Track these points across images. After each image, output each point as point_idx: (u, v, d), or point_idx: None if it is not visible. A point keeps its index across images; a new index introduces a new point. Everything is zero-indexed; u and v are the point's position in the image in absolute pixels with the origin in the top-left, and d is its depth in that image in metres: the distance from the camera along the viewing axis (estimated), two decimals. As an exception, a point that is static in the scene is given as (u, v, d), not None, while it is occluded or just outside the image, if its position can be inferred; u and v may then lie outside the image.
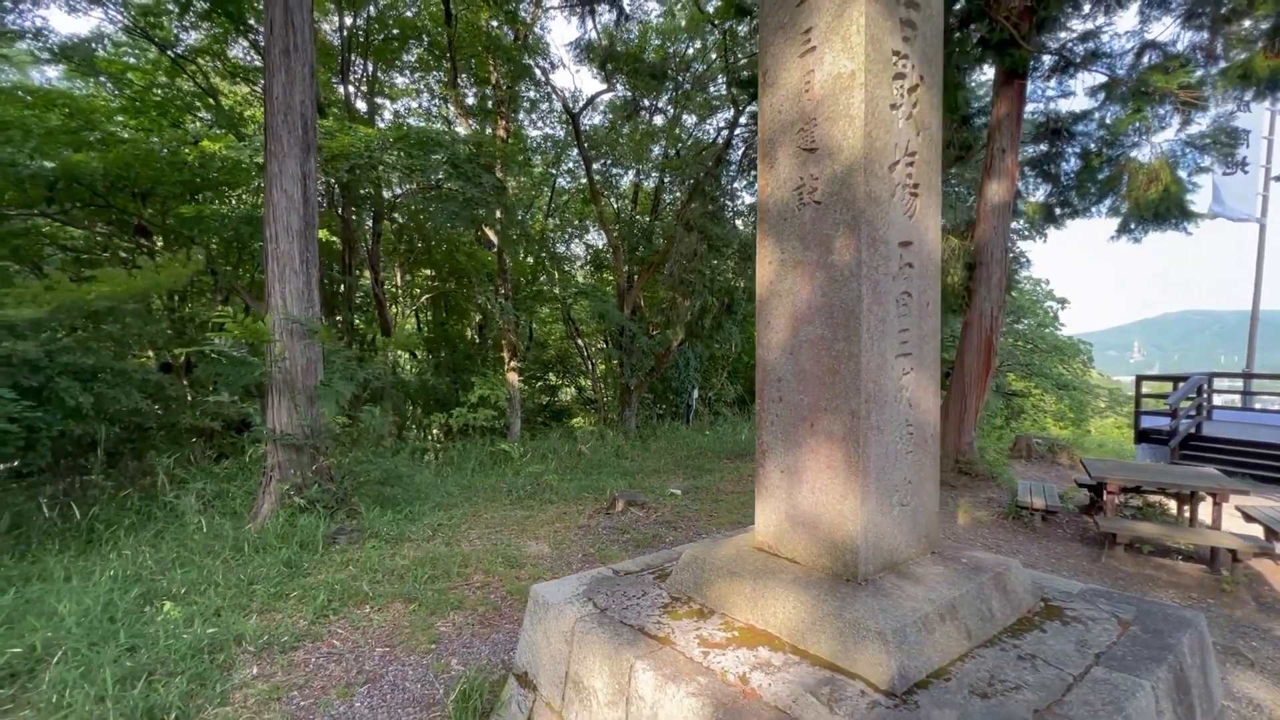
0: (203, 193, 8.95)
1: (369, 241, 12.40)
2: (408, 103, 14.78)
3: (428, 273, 15.18)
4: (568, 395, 18.20)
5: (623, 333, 13.19)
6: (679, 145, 15.37)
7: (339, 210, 11.17)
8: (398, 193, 11.74)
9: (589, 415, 16.42)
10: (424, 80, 14.05)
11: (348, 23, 11.55)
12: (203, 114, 10.58)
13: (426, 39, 12.41)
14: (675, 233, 12.25)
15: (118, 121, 9.21)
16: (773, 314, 2.63)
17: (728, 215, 12.64)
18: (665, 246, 13.01)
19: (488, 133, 13.02)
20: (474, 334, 15.88)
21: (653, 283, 14.16)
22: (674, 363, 15.03)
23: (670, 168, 14.79)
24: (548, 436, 11.91)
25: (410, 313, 15.39)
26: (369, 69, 12.71)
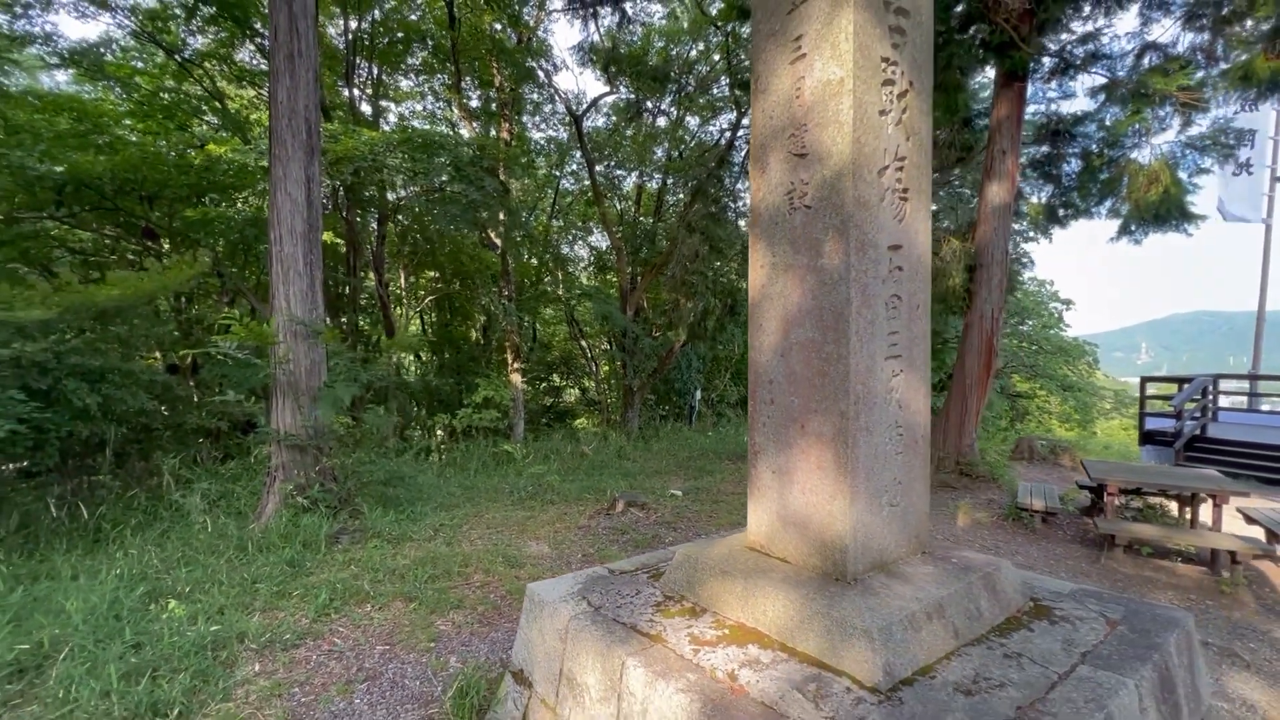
0: (209, 196, 9.05)
1: (373, 243, 12.49)
2: (412, 105, 14.89)
3: (432, 274, 15.26)
4: (572, 396, 18.26)
5: (625, 334, 13.24)
6: (682, 147, 15.41)
7: (343, 213, 11.25)
8: (402, 195, 11.82)
9: (592, 416, 16.47)
10: (428, 83, 14.14)
11: (353, 26, 11.64)
12: (209, 117, 10.69)
13: (431, 42, 12.49)
14: (678, 234, 12.30)
15: (125, 125, 9.34)
16: (764, 317, 2.67)
17: (730, 217, 12.66)
18: (668, 248, 13.06)
19: (491, 135, 13.10)
20: (478, 335, 15.95)
21: (656, 284, 14.21)
22: (677, 364, 15.06)
23: (673, 169, 14.83)
24: (551, 437, 11.97)
25: (414, 314, 15.48)
26: (374, 72, 12.81)
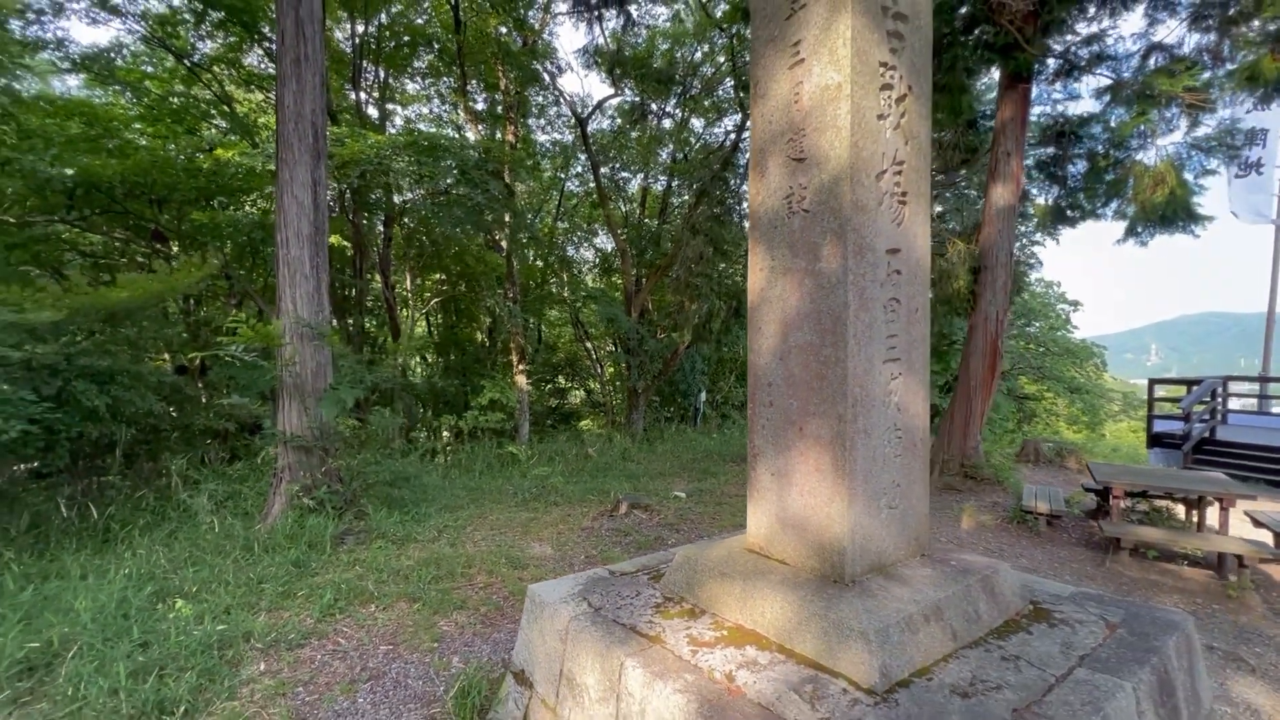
0: (217, 198, 9.14)
1: (380, 246, 12.58)
2: (418, 109, 14.99)
3: (438, 276, 15.35)
4: (576, 398, 18.31)
5: (630, 336, 13.26)
6: (687, 149, 15.44)
7: (350, 215, 11.34)
8: (408, 198, 11.90)
9: (597, 418, 16.51)
10: (434, 86, 14.24)
11: (359, 30, 11.73)
12: (218, 121, 10.80)
13: (437, 46, 12.58)
14: (682, 236, 12.32)
15: (135, 129, 9.44)
16: (763, 320, 2.69)
17: (735, 219, 12.67)
18: (673, 250, 13.08)
19: (497, 138, 13.17)
20: (483, 337, 16.03)
21: (661, 286, 14.23)
22: (681, 366, 15.08)
23: (678, 171, 14.86)
24: (555, 439, 12.00)
25: (420, 316, 15.56)
26: (380, 75, 12.91)
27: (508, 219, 11.87)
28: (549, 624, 2.73)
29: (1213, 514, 5.87)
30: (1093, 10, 7.41)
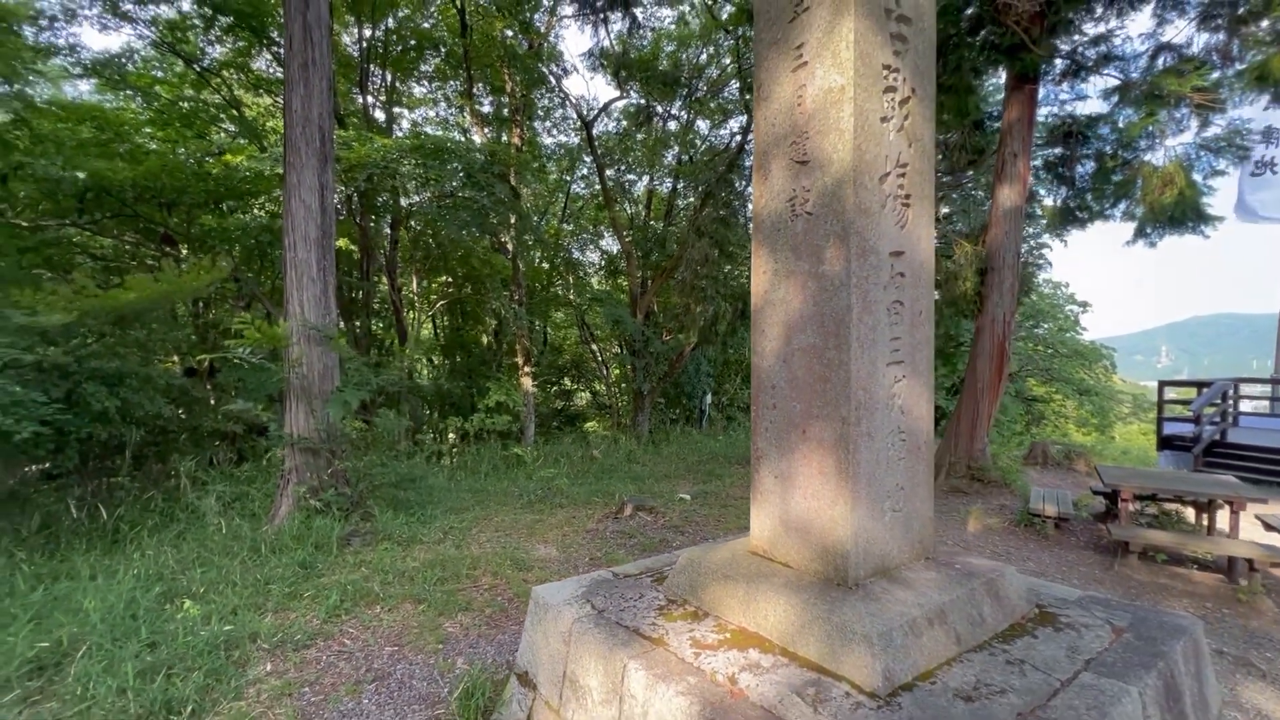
0: (226, 202, 9.21)
1: (386, 248, 12.64)
2: (425, 112, 15.05)
3: (444, 279, 15.40)
4: (582, 400, 18.33)
5: (636, 338, 13.27)
6: (692, 151, 15.44)
7: (357, 218, 11.40)
8: (415, 200, 11.96)
9: (603, 420, 16.52)
10: (441, 90, 14.30)
11: (367, 34, 11.81)
12: (227, 125, 10.89)
13: (443, 49, 12.65)
14: (688, 238, 12.32)
15: (145, 133, 9.54)
16: (767, 322, 2.69)
17: (740, 221, 12.67)
18: (678, 252, 13.09)
19: (503, 140, 13.22)
20: (489, 339, 16.06)
21: (666, 288, 14.23)
22: (687, 368, 15.06)
23: (683, 173, 14.86)
24: (561, 441, 12.02)
25: (426, 318, 15.62)
26: (387, 79, 12.97)
27: (513, 221, 11.90)
28: (552, 626, 2.74)
29: (1223, 517, 5.82)
30: (1100, 10, 7.37)
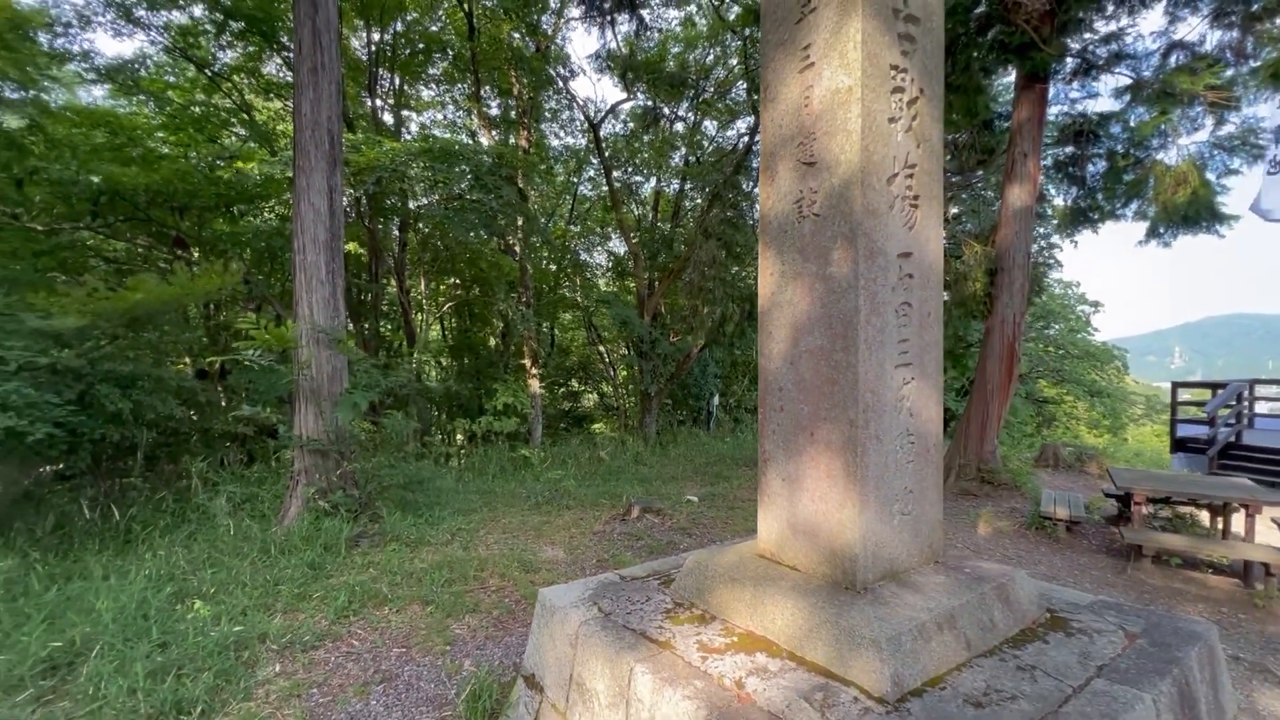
0: (237, 205, 9.29)
1: (395, 251, 12.71)
2: (433, 115, 15.14)
3: (452, 281, 15.47)
4: (590, 401, 18.35)
5: (643, 339, 13.27)
6: (699, 152, 15.44)
7: (366, 221, 11.47)
8: (423, 203, 12.02)
9: (610, 421, 16.52)
10: (449, 92, 14.38)
11: (375, 38, 11.89)
12: (238, 129, 10.99)
13: (451, 52, 12.71)
14: (695, 239, 12.30)
15: (158, 138, 9.64)
16: (774, 324, 2.67)
17: (747, 222, 12.64)
18: (685, 253, 13.07)
19: (510, 143, 13.26)
20: (497, 341, 16.11)
21: (673, 289, 14.23)
22: (694, 369, 15.05)
23: (691, 175, 14.86)
24: (568, 442, 12.03)
25: (434, 320, 15.69)
26: (395, 83, 13.06)
27: (521, 223, 11.94)
28: (559, 628, 2.73)
29: (1238, 520, 5.74)
30: (1111, 8, 7.30)
